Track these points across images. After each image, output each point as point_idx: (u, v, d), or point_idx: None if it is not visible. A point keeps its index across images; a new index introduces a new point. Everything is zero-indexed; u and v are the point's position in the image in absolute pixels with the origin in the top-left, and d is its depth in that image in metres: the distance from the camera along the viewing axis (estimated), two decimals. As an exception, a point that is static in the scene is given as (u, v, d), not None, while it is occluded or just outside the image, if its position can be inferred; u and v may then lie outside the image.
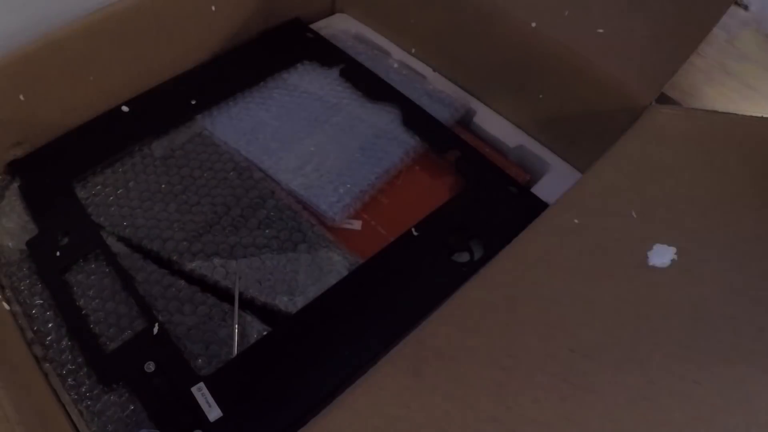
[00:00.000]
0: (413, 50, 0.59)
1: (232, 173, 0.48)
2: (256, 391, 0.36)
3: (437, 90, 0.56)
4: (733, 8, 0.79)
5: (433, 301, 0.39)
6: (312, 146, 0.50)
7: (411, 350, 0.31)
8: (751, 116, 0.40)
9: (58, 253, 0.42)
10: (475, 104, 0.56)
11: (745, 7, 0.79)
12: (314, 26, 0.61)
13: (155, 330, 0.38)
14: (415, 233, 0.44)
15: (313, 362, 0.37)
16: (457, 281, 0.39)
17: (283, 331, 0.39)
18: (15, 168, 0.47)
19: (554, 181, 0.50)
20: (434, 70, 0.58)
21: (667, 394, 0.27)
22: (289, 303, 0.41)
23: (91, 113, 0.50)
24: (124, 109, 0.51)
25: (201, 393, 0.36)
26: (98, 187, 0.46)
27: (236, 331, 0.39)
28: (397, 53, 0.60)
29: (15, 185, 0.46)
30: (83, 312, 0.40)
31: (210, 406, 0.35)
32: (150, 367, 0.37)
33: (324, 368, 0.37)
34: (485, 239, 0.44)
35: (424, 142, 0.51)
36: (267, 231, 0.44)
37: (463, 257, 0.43)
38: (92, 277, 0.41)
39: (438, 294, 0.39)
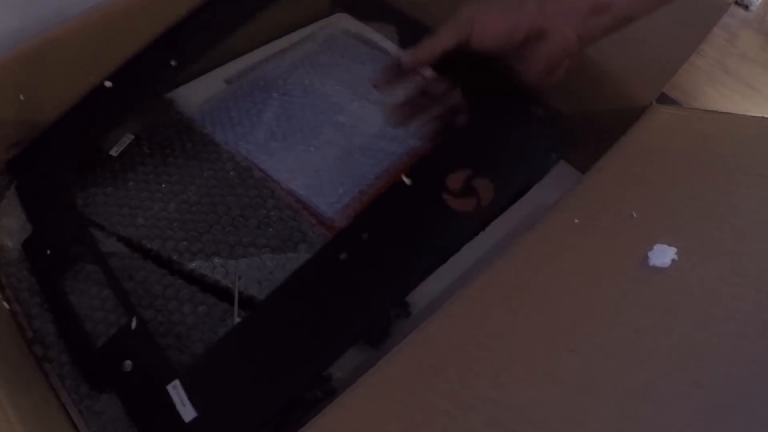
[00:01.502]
0: (413, 50, 0.59)
1: (232, 173, 0.48)
2: (233, 384, 0.34)
3: (437, 90, 0.56)
4: (733, 8, 0.79)
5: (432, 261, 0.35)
6: (312, 146, 0.50)
7: (411, 350, 0.31)
8: (752, 116, 0.40)
9: (48, 252, 0.41)
10: (475, 104, 0.55)
11: (746, 7, 0.79)
12: (314, 26, 0.61)
13: (133, 325, 0.37)
14: (407, 182, 0.37)
15: (289, 347, 0.34)
16: (462, 236, 0.34)
17: (258, 318, 0.37)
18: (13, 167, 0.47)
19: (554, 181, 0.50)
20: (434, 70, 0.58)
21: (667, 395, 0.27)
22: (289, 303, 0.41)
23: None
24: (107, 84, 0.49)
25: (176, 391, 0.34)
26: (97, 186, 0.46)
27: (236, 330, 0.39)
28: (397, 53, 0.60)
29: (15, 185, 0.46)
30: (75, 312, 0.39)
31: (184, 405, 0.33)
32: (127, 366, 0.35)
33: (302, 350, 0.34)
34: (495, 178, 0.37)
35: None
36: (267, 231, 0.44)
37: (469, 204, 0.36)
38: (85, 276, 0.41)
39: (439, 253, 0.35)
